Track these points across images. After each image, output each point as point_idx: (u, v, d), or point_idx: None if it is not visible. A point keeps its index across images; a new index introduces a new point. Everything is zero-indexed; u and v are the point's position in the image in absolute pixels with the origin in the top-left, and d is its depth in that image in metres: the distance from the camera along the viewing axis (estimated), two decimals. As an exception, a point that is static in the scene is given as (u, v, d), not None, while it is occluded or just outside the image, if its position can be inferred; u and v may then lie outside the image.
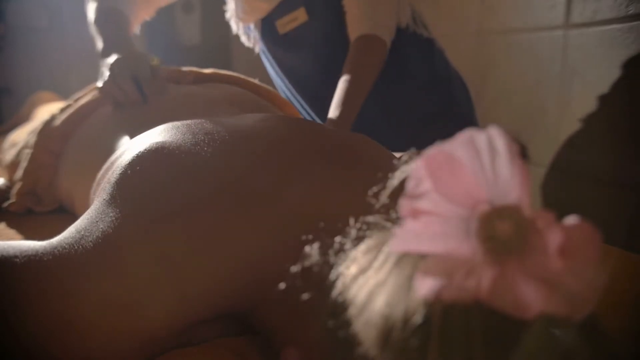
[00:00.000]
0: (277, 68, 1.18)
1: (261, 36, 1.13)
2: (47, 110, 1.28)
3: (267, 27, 1.12)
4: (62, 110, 0.91)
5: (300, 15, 1.06)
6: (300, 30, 1.08)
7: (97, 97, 0.89)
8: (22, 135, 1.06)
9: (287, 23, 1.08)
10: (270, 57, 1.17)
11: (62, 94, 1.63)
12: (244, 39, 1.19)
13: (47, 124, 0.90)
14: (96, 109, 0.87)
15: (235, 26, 1.18)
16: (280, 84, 1.23)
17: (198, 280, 0.44)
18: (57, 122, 0.89)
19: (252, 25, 1.14)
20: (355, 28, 1.01)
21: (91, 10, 0.99)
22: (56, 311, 0.41)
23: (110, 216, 0.46)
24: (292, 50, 1.11)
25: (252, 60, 1.18)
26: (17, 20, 2.02)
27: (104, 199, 0.48)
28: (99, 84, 0.83)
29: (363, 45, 1.00)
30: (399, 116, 1.11)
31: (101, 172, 0.63)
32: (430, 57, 1.11)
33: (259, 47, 1.17)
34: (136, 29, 1.07)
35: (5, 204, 0.88)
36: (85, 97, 0.90)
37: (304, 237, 0.42)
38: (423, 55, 1.10)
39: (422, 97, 1.11)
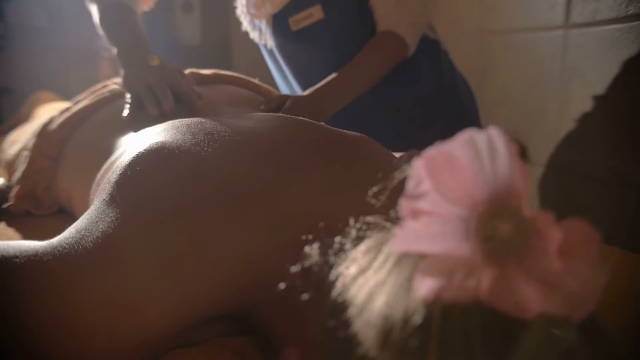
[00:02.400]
0: (285, 66, 1.15)
1: (272, 32, 1.11)
2: (47, 110, 1.28)
3: (278, 24, 1.09)
4: (61, 113, 0.90)
5: (315, 13, 1.05)
6: (315, 28, 1.06)
7: (95, 101, 0.88)
8: (22, 135, 1.06)
9: (302, 20, 1.06)
10: (279, 55, 1.15)
11: (62, 94, 1.63)
12: (254, 35, 1.16)
13: (45, 126, 0.90)
14: (95, 112, 0.87)
15: (245, 22, 1.16)
16: (284, 85, 1.22)
17: (198, 280, 0.44)
18: (55, 125, 0.88)
19: (263, 22, 1.12)
20: (379, 26, 1.02)
21: (94, 9, 0.95)
22: (56, 311, 0.41)
23: (110, 216, 0.46)
24: (305, 47, 1.09)
25: (252, 60, 1.18)
26: (17, 20, 2.02)
27: (104, 199, 0.48)
28: (125, 88, 0.81)
29: (379, 38, 1.00)
30: (403, 117, 1.11)
31: (100, 172, 0.63)
32: (436, 58, 1.11)
33: (270, 44, 1.15)
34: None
35: (5, 206, 0.88)
36: (84, 100, 0.90)
37: (303, 237, 0.42)
38: (430, 57, 1.10)
39: (427, 99, 1.10)
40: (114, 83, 0.93)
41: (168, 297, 0.43)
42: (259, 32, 1.14)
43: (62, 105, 0.98)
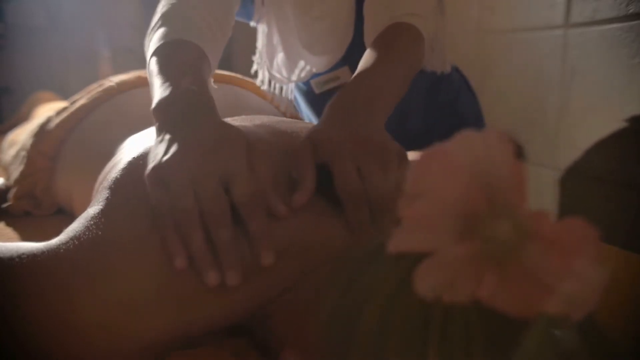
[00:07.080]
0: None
1: (296, 96, 1.02)
2: (46, 110, 1.28)
3: (301, 86, 1.01)
4: (58, 113, 0.90)
5: (342, 75, 0.93)
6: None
7: (92, 100, 0.88)
8: (21, 135, 1.06)
9: (326, 82, 0.94)
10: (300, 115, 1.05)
11: (62, 94, 1.63)
12: (270, 92, 1.01)
13: (43, 126, 0.89)
14: (92, 111, 0.87)
15: (260, 79, 1.02)
16: None
17: (195, 282, 0.44)
18: (52, 125, 0.88)
19: (285, 85, 1.01)
20: (371, 31, 0.74)
21: (153, 42, 0.67)
22: (56, 311, 0.41)
23: (108, 218, 0.46)
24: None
25: (252, 61, 1.17)
26: (17, 20, 2.02)
27: (102, 201, 0.48)
28: (148, 182, 0.46)
29: (387, 33, 0.69)
30: (403, 119, 1.08)
31: (102, 174, 0.63)
32: (439, 79, 1.04)
33: (284, 107, 1.02)
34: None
35: (4, 206, 0.88)
36: (81, 99, 0.90)
37: (304, 241, 0.42)
38: (434, 79, 1.03)
39: (427, 104, 1.07)
40: (110, 81, 0.92)
41: (166, 298, 0.43)
42: (279, 95, 1.01)
43: (61, 105, 0.98)
